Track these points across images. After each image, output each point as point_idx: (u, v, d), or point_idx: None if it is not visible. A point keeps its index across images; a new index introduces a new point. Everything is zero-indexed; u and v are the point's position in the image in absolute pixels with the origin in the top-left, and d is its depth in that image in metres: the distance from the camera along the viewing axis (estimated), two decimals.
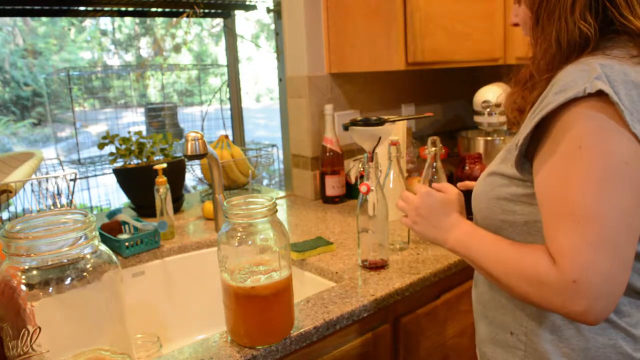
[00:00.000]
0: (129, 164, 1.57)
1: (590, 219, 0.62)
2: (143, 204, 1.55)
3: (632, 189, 0.62)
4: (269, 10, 1.99)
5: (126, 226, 1.37)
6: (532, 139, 0.70)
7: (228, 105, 2.43)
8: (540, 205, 0.69)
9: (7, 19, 3.84)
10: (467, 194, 1.48)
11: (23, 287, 0.66)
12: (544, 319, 0.75)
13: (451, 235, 0.82)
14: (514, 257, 0.70)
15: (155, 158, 1.59)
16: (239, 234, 0.83)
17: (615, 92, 0.62)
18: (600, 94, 0.62)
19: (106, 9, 1.94)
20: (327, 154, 1.68)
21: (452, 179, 1.66)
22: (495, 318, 0.83)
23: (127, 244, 1.27)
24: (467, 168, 1.47)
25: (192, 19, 2.06)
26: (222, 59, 2.69)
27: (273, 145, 1.87)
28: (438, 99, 2.17)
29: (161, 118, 2.56)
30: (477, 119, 1.86)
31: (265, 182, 3.16)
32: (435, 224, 0.86)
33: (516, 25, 0.83)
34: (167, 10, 2.11)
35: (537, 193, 0.70)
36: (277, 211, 0.85)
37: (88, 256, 0.69)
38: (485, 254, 0.75)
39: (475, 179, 1.44)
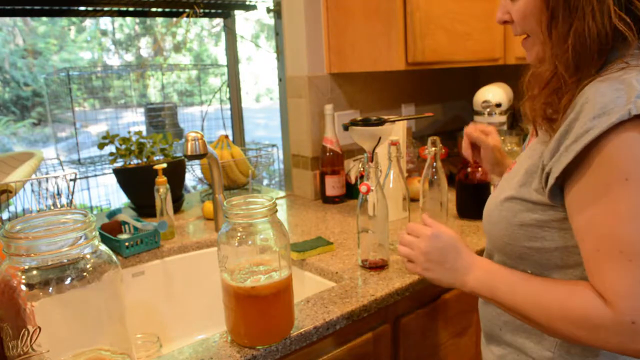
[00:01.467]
0: (129, 164, 1.57)
1: None
2: (143, 204, 1.55)
3: None
4: (269, 10, 1.99)
5: (126, 226, 1.37)
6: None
7: (228, 105, 2.43)
8: (580, 241, 0.65)
9: (7, 19, 3.84)
10: (474, 189, 1.49)
11: (23, 287, 0.66)
12: (572, 345, 0.72)
13: (470, 277, 0.77)
14: (556, 298, 0.66)
15: (155, 158, 1.59)
16: (239, 234, 0.83)
17: None
18: None
19: (106, 9, 1.94)
20: (327, 154, 1.68)
21: (452, 179, 1.66)
22: (514, 341, 0.79)
23: (127, 244, 1.27)
24: (469, 170, 1.47)
25: (192, 19, 2.06)
26: (222, 59, 2.69)
27: (273, 145, 1.87)
28: (438, 99, 2.17)
29: (161, 118, 2.56)
30: (477, 119, 1.86)
31: (265, 182, 3.16)
32: (449, 266, 0.80)
33: (505, 23, 0.78)
34: (167, 10, 2.10)
35: (576, 227, 0.66)
36: (277, 211, 0.85)
37: (88, 256, 0.69)
38: (518, 296, 0.70)
39: (476, 181, 1.45)
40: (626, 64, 0.64)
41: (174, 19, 2.22)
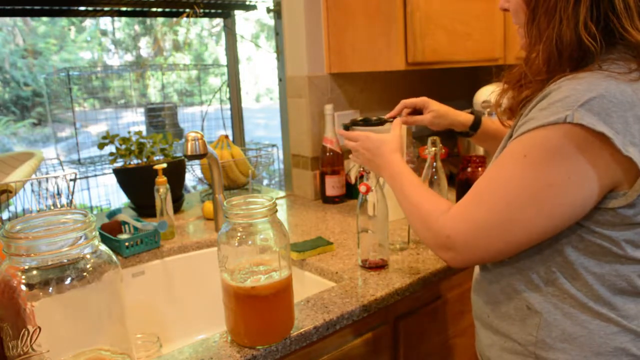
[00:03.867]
0: (129, 164, 1.57)
1: (487, 204, 0.72)
2: (143, 204, 1.55)
3: (548, 213, 0.67)
4: (269, 10, 1.99)
5: (126, 226, 1.37)
6: None
7: (228, 105, 2.43)
8: None
9: (7, 19, 3.84)
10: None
11: (23, 287, 0.66)
12: (553, 328, 0.74)
13: (384, 172, 0.98)
14: (418, 199, 0.85)
15: (155, 158, 1.59)
16: (239, 234, 0.83)
17: (606, 116, 0.62)
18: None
19: (106, 9, 1.94)
20: (327, 154, 1.68)
21: (452, 179, 1.66)
22: (500, 327, 0.82)
23: (127, 244, 1.27)
24: (469, 170, 1.47)
25: (192, 19, 2.06)
26: (222, 59, 2.69)
27: (273, 145, 1.87)
28: (438, 99, 2.16)
29: (161, 118, 2.56)
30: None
31: (265, 182, 3.16)
32: (374, 162, 1.02)
33: (506, 10, 0.81)
34: (167, 10, 2.11)
35: None
36: (277, 211, 0.85)
37: (88, 256, 0.69)
38: (401, 194, 0.90)
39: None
40: (598, 67, 0.67)
41: (174, 19, 2.22)
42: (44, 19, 4.18)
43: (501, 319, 0.81)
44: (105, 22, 4.46)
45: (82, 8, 1.92)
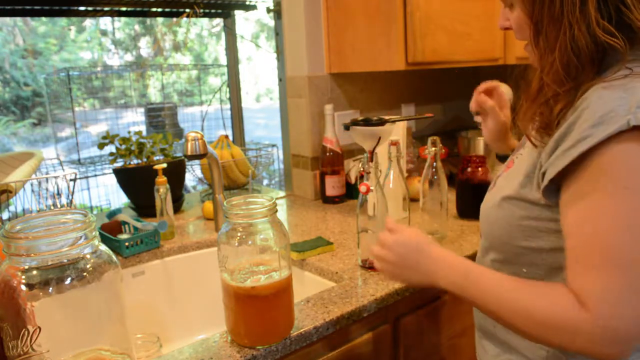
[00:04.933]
0: (129, 164, 1.57)
1: (632, 264, 0.59)
2: (143, 204, 1.55)
3: None
4: (269, 10, 1.99)
5: (126, 226, 1.37)
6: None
7: (228, 105, 2.43)
8: (568, 240, 0.65)
9: (7, 19, 3.84)
10: (474, 189, 1.47)
11: (23, 287, 0.66)
12: None
13: (438, 277, 0.77)
14: (524, 298, 0.65)
15: (155, 158, 1.59)
16: (239, 234, 0.83)
17: None
18: None
19: (106, 9, 1.94)
20: (327, 154, 1.68)
21: (452, 179, 1.66)
22: (508, 340, 0.79)
23: (127, 244, 1.27)
24: (469, 170, 1.47)
25: (192, 19, 2.06)
26: (222, 59, 2.69)
27: (273, 145, 1.87)
28: (438, 99, 2.17)
29: (161, 118, 2.56)
30: (477, 119, 1.85)
31: (265, 182, 3.16)
32: (416, 270, 0.80)
33: (507, 29, 0.78)
34: (167, 10, 2.11)
35: (567, 227, 0.65)
36: (277, 211, 0.85)
37: (88, 256, 0.69)
38: (487, 294, 0.70)
39: (477, 181, 1.45)
40: (630, 70, 0.63)
41: (174, 19, 2.22)
42: (44, 19, 4.18)
43: (508, 331, 0.78)
44: (105, 22, 4.47)
45: (82, 8, 1.92)
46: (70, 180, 1.33)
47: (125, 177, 1.56)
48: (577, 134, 0.62)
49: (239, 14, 2.41)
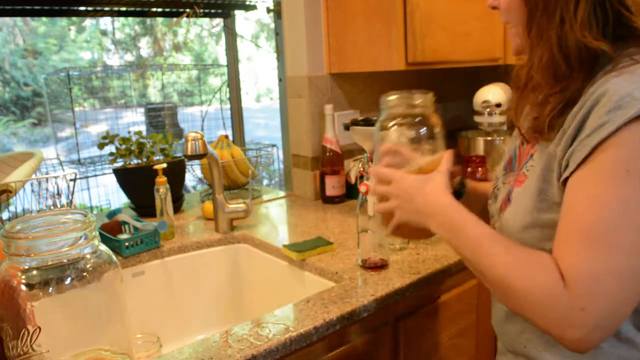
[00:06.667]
0: (129, 164, 1.57)
1: (619, 248, 0.58)
2: (143, 204, 1.55)
3: None
4: (269, 10, 1.99)
5: (126, 226, 1.37)
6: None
7: (228, 105, 2.43)
8: (562, 219, 0.63)
9: (7, 19, 3.84)
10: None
11: (23, 287, 0.66)
12: (608, 355, 0.68)
13: (433, 221, 0.74)
14: (521, 276, 0.63)
15: (155, 158, 1.59)
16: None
17: None
18: None
19: (106, 9, 1.94)
20: (327, 154, 1.68)
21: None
22: (542, 357, 0.75)
23: (127, 244, 1.27)
24: (469, 170, 1.47)
25: (192, 19, 2.06)
26: (222, 59, 2.69)
27: (273, 145, 1.87)
28: (438, 99, 2.15)
29: (161, 118, 2.56)
30: (477, 119, 1.86)
31: (265, 182, 3.16)
32: (416, 208, 0.76)
33: (495, 8, 0.77)
34: (167, 10, 2.11)
35: (564, 207, 0.64)
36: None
37: (88, 256, 0.69)
38: (478, 253, 0.68)
39: (477, 180, 1.45)
40: (635, 61, 0.62)
41: (174, 19, 2.22)
42: (44, 19, 4.18)
43: (544, 349, 0.74)
44: (105, 22, 4.46)
45: (82, 8, 1.92)
46: (70, 180, 1.33)
47: (125, 177, 1.56)
48: (594, 121, 0.61)
49: (239, 14, 2.41)
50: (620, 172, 0.58)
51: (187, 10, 2.03)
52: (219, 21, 2.76)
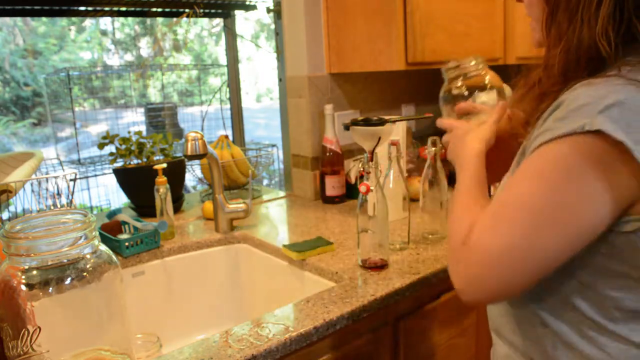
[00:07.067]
0: (129, 164, 1.57)
1: (512, 227, 0.64)
2: (143, 204, 1.55)
3: (564, 235, 0.62)
4: (269, 10, 1.99)
5: (126, 226, 1.37)
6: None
7: (228, 105, 2.43)
8: (498, 191, 0.73)
9: (7, 19, 3.84)
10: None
11: (23, 287, 0.66)
12: (572, 349, 0.69)
13: (463, 170, 0.85)
14: (454, 223, 0.74)
15: (155, 158, 1.59)
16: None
17: (625, 126, 0.57)
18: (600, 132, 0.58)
19: (106, 9, 1.94)
20: (327, 154, 1.68)
21: (452, 179, 1.66)
22: (515, 341, 0.76)
23: (127, 244, 1.27)
24: None
25: (192, 19, 2.06)
26: (222, 59, 2.69)
27: (273, 145, 1.87)
28: (438, 99, 2.16)
29: (161, 118, 2.56)
30: None
31: (265, 182, 3.16)
32: (456, 155, 0.89)
33: (519, 1, 0.77)
34: (167, 10, 2.11)
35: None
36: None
37: (88, 256, 0.69)
38: (458, 186, 0.80)
39: None
40: (617, 71, 0.62)
41: (174, 19, 2.22)
42: (44, 19, 4.18)
43: (514, 334, 0.76)
44: (105, 22, 4.46)
45: (82, 8, 1.92)
46: (70, 180, 1.33)
47: (125, 177, 1.56)
48: (547, 124, 0.64)
49: (239, 14, 2.41)
50: (534, 173, 0.64)
51: (187, 10, 2.03)
52: (218, 21, 2.76)
